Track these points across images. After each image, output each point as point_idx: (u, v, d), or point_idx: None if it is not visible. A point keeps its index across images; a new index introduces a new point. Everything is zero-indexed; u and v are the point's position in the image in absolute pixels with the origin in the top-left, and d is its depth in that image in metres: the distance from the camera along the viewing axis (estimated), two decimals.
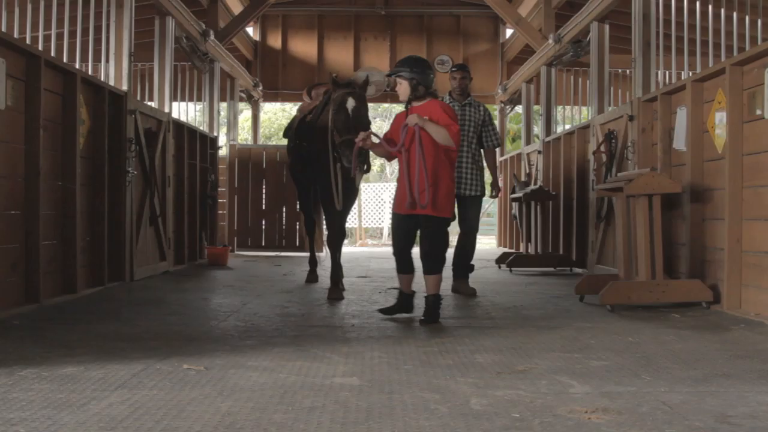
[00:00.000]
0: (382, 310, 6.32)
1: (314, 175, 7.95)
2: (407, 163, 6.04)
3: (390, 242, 8.06)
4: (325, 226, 8.86)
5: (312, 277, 9.24)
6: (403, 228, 6.22)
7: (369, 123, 7.29)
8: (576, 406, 3.49)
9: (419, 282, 6.29)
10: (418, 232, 6.27)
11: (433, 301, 6.03)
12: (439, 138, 5.97)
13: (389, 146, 6.21)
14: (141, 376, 4.03)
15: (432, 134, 5.96)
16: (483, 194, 8.27)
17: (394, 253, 6.29)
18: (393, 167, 28.45)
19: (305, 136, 8.17)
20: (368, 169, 7.46)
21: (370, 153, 7.17)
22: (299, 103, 9.85)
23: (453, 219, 6.51)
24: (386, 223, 22.61)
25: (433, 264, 6.10)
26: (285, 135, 9.41)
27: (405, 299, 6.26)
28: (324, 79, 17.50)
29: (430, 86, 6.30)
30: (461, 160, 7.89)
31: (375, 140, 6.42)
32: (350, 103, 7.04)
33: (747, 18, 8.58)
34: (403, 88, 6.26)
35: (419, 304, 6.34)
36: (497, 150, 9.10)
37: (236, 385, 3.86)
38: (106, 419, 3.25)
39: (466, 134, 8.03)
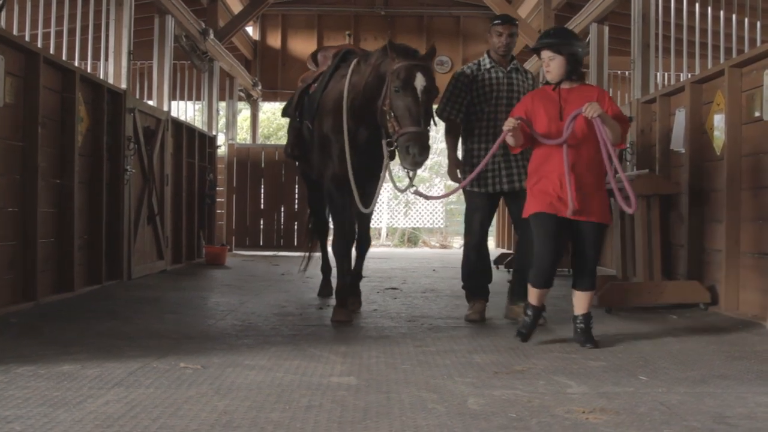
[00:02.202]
0: (521, 334, 5.24)
1: (321, 161, 6.38)
2: (570, 159, 4.97)
3: (387, 243, 7.39)
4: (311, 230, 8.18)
5: (326, 290, 7.63)
6: (555, 234, 5.07)
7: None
8: (574, 406, 3.48)
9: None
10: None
11: (590, 320, 5.17)
12: (613, 134, 4.95)
13: (542, 137, 5.05)
14: (138, 375, 4.03)
15: (607, 128, 4.91)
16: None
17: (539, 266, 5.11)
18: None
19: (307, 111, 6.66)
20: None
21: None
22: None
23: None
24: (384, 223, 22.60)
25: (594, 278, 5.21)
26: (284, 113, 7.50)
27: (539, 315, 5.32)
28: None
29: (581, 64, 5.28)
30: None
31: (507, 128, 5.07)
32: (420, 81, 5.43)
33: (746, 20, 8.58)
34: (557, 65, 5.12)
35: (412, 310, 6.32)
36: None
37: (233, 384, 3.86)
38: (103, 417, 3.24)
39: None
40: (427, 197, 5.91)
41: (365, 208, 6.04)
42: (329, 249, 7.03)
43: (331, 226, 6.67)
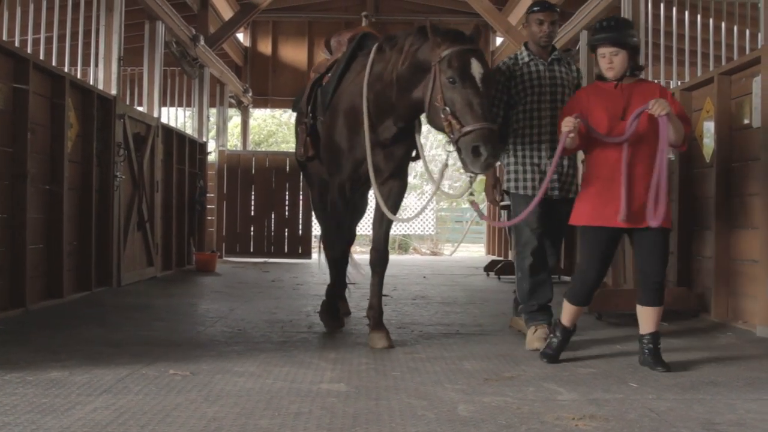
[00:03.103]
0: (547, 355, 4.77)
1: (329, 164, 5.67)
2: (629, 161, 4.53)
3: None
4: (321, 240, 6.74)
5: (338, 313, 6.15)
6: (604, 249, 4.67)
7: None
8: (563, 413, 3.48)
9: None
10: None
11: (659, 340, 4.69)
12: (676, 135, 4.54)
13: (604, 136, 4.58)
14: (126, 381, 4.01)
15: (671, 128, 4.48)
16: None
17: (583, 281, 4.74)
18: None
19: (320, 106, 5.78)
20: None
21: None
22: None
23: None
24: None
25: (661, 292, 4.69)
26: (295, 107, 6.65)
27: (570, 335, 4.88)
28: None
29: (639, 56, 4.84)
30: (554, 146, 5.18)
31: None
32: (477, 68, 4.70)
33: (735, 28, 8.62)
34: (621, 60, 4.65)
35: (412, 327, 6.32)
36: None
37: (222, 391, 3.85)
38: (91, 424, 3.22)
39: (561, 102, 5.42)
40: (493, 222, 5.41)
41: (379, 217, 5.42)
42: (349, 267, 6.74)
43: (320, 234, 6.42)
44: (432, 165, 5.80)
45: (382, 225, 5.48)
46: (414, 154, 5.61)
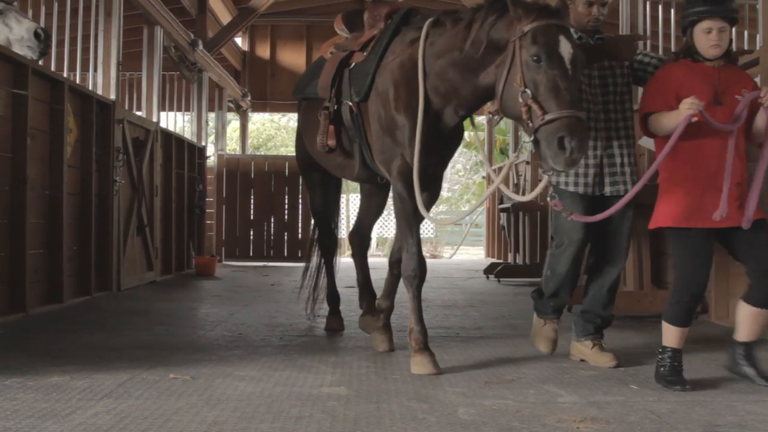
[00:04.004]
0: (674, 382, 4.11)
1: (386, 151, 4.78)
2: (730, 151, 4.09)
3: (378, 253, 6.32)
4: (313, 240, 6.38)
5: (337, 321, 6.15)
6: (706, 253, 4.18)
7: None
8: (564, 416, 3.48)
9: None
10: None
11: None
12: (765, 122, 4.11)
13: (714, 123, 4.02)
14: (127, 386, 4.01)
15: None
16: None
17: (687, 296, 4.15)
18: None
19: (352, 88, 4.96)
20: None
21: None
22: (287, 114, 8.92)
23: None
24: (374, 233, 22.57)
25: None
26: (298, 91, 5.76)
27: (680, 357, 4.20)
28: None
29: None
30: (610, 136, 4.75)
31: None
32: (565, 47, 4.03)
33: (734, 30, 8.62)
34: (727, 36, 4.20)
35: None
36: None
37: (223, 395, 3.84)
38: (92, 429, 3.22)
39: (613, 94, 4.77)
40: (584, 218, 4.53)
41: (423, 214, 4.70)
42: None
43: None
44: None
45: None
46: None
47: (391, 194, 5.14)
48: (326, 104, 5.13)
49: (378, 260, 5.97)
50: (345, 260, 6.95)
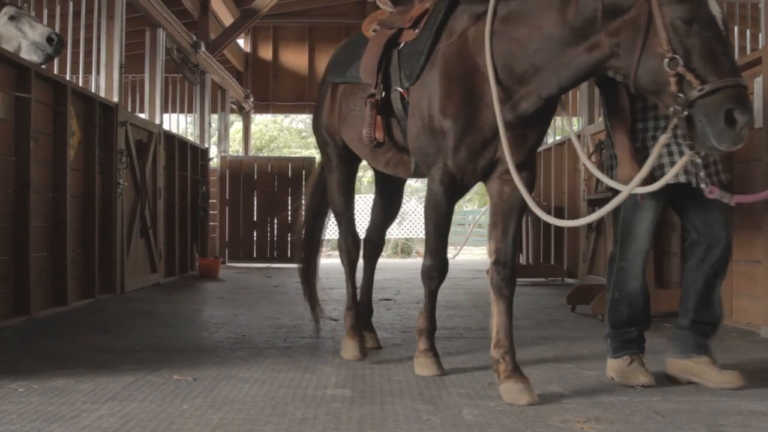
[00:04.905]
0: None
1: (427, 148, 4.15)
2: None
3: (381, 254, 5.56)
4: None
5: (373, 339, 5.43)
6: None
7: None
8: (568, 416, 3.48)
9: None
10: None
11: None
12: None
13: None
14: (132, 388, 4.01)
15: None
16: (729, 182, 4.35)
17: None
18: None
19: (403, 72, 4.26)
20: None
21: None
22: (289, 116, 8.77)
23: None
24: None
25: None
26: (335, 73, 4.98)
27: None
28: (316, 94, 17.59)
29: None
30: (657, 117, 4.14)
31: None
32: (715, 7, 3.49)
33: (736, 29, 8.63)
34: None
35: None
36: None
37: (227, 397, 3.85)
38: None
39: None
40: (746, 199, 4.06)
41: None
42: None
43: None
44: None
45: (509, 231, 4.15)
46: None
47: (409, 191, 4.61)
48: (372, 91, 4.40)
49: (381, 261, 5.65)
50: (330, 261, 6.91)
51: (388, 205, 5.59)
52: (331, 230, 5.87)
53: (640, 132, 4.16)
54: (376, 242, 5.54)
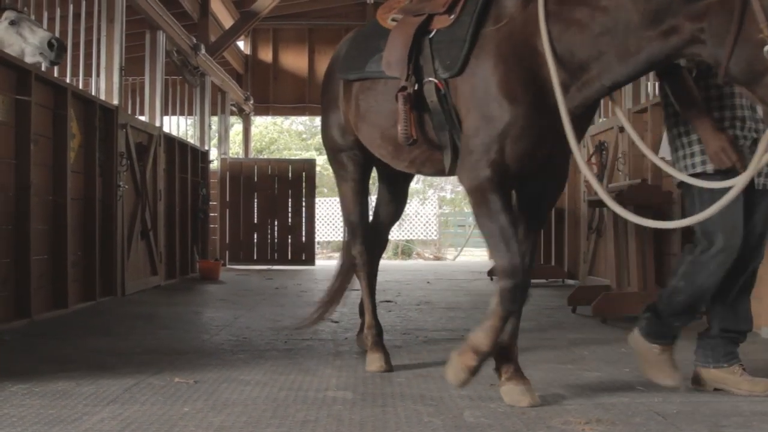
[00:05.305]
0: None
1: (476, 141, 3.72)
2: None
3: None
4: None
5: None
6: None
7: None
8: (570, 417, 3.49)
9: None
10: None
11: None
12: None
13: None
14: (133, 391, 4.01)
15: None
16: None
17: None
18: None
19: (437, 61, 3.88)
20: None
21: None
22: (289, 118, 8.66)
23: None
24: None
25: None
26: (349, 69, 4.49)
27: None
28: (316, 96, 17.55)
29: None
30: (733, 107, 3.90)
31: None
32: None
33: None
34: None
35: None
36: None
37: (229, 399, 3.85)
38: None
39: None
40: None
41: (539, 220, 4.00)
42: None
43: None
44: None
45: (530, 234, 3.96)
46: None
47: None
48: (403, 84, 3.98)
49: (382, 263, 5.50)
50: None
51: (393, 206, 5.31)
52: (331, 232, 5.95)
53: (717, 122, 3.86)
54: (378, 240, 5.22)
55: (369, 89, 4.35)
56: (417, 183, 23.80)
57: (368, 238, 4.97)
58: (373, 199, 5.36)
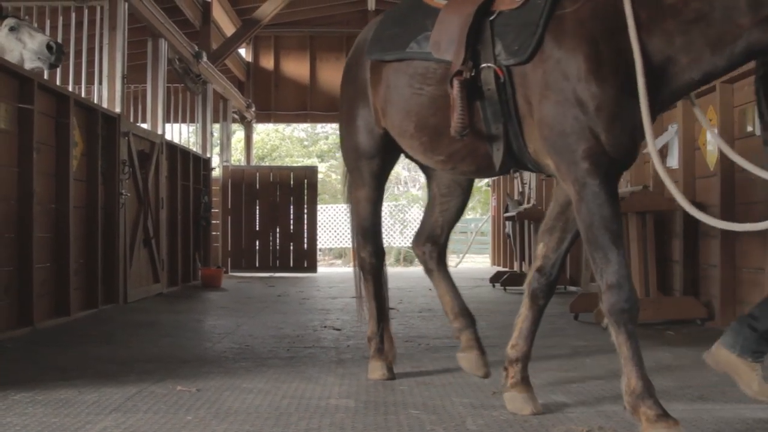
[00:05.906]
0: None
1: (564, 130, 3.33)
2: None
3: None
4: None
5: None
6: None
7: None
8: (572, 425, 3.48)
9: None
10: None
11: None
12: None
13: None
14: (135, 399, 4.01)
15: None
16: None
17: None
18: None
19: (503, 45, 3.51)
20: None
21: None
22: (291, 125, 8.54)
23: None
24: None
25: None
26: (384, 50, 4.07)
27: None
28: (317, 103, 17.57)
29: None
30: None
31: None
32: None
33: None
34: None
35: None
36: None
37: (231, 408, 3.85)
38: None
39: None
40: None
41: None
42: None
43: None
44: None
45: (564, 243, 3.81)
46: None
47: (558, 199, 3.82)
48: (459, 68, 3.57)
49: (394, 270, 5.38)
50: (331, 270, 6.91)
51: (452, 201, 4.67)
52: (333, 239, 5.97)
53: None
54: (442, 246, 4.74)
55: (405, 73, 3.95)
56: (418, 189, 23.77)
57: (378, 244, 4.71)
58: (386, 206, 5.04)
